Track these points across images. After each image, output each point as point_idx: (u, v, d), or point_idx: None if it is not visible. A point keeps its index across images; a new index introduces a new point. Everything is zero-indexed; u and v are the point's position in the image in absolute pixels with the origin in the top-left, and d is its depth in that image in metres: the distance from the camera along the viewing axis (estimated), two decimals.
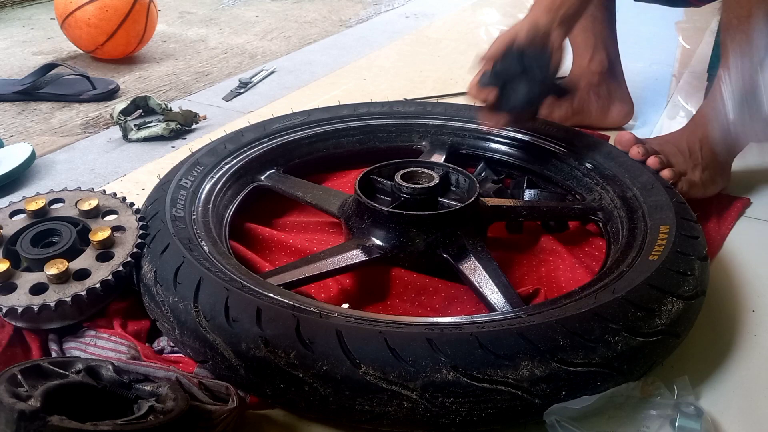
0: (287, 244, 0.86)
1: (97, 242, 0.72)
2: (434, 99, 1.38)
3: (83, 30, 1.60)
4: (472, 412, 0.57)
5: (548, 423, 0.58)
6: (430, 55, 1.74)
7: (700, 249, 0.74)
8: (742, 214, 0.99)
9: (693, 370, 0.69)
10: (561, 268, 0.83)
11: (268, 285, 0.68)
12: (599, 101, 1.22)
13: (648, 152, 0.92)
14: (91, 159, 1.17)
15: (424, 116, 1.08)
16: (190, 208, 0.80)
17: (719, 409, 0.65)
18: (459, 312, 0.76)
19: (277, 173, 0.96)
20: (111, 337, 0.70)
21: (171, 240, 0.71)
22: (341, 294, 0.79)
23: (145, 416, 0.53)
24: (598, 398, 0.59)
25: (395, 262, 0.80)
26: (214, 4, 2.32)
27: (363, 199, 0.81)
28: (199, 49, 1.82)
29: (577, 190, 0.95)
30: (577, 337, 0.59)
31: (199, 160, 0.89)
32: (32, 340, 0.70)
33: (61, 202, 0.80)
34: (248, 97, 1.46)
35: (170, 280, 0.66)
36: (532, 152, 1.01)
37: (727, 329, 0.77)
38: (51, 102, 1.43)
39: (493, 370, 0.57)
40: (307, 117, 1.05)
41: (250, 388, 0.61)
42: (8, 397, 0.49)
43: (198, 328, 0.62)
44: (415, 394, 0.56)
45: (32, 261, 0.72)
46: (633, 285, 0.65)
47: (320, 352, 0.58)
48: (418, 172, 0.86)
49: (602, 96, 1.22)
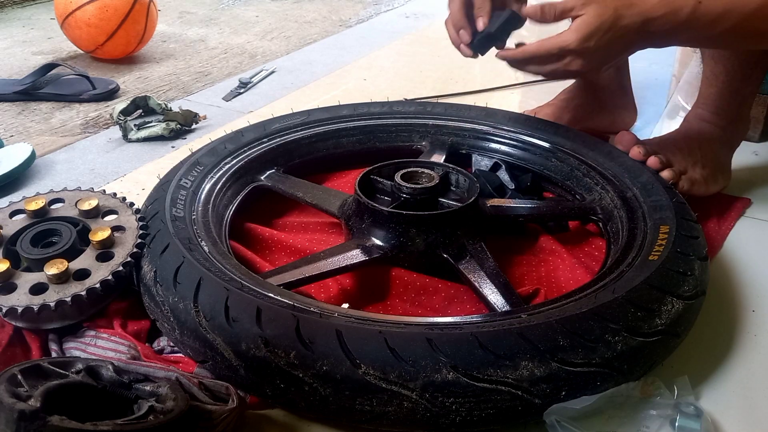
0: (287, 244, 0.86)
1: (97, 242, 0.72)
2: (434, 99, 1.38)
3: (83, 30, 1.60)
4: (472, 412, 0.57)
5: (548, 423, 0.58)
6: (430, 55, 1.74)
7: (700, 249, 0.74)
8: (742, 214, 0.99)
9: (693, 370, 0.69)
10: (561, 268, 0.83)
11: (268, 285, 0.68)
12: (605, 111, 1.23)
13: (648, 152, 0.92)
14: (91, 159, 1.17)
15: (424, 116, 1.08)
16: (190, 208, 0.80)
17: (719, 409, 0.65)
18: (459, 312, 0.76)
19: (277, 173, 0.96)
20: (111, 337, 0.70)
21: (171, 240, 0.71)
22: (341, 294, 0.79)
23: (145, 416, 0.53)
24: (598, 398, 0.59)
25: (395, 262, 0.80)
26: (214, 4, 2.32)
27: (363, 199, 0.81)
28: (199, 49, 1.82)
29: (577, 190, 0.95)
30: (577, 337, 0.59)
31: (199, 160, 0.89)
32: (32, 340, 0.70)
33: (61, 202, 0.80)
34: (248, 97, 1.46)
35: (170, 280, 0.66)
36: (532, 152, 1.01)
37: (727, 329, 0.77)
38: (51, 102, 1.43)
39: (493, 370, 0.57)
40: (307, 117, 1.05)
41: (250, 388, 0.61)
42: (8, 397, 0.49)
43: (198, 328, 0.62)
44: (415, 394, 0.56)
45: (32, 261, 0.72)
46: (633, 285, 0.65)
47: (320, 352, 0.58)
48: (418, 172, 0.86)
49: (609, 107, 1.23)
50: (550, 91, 1.48)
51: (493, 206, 0.87)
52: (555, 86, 1.50)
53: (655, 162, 0.91)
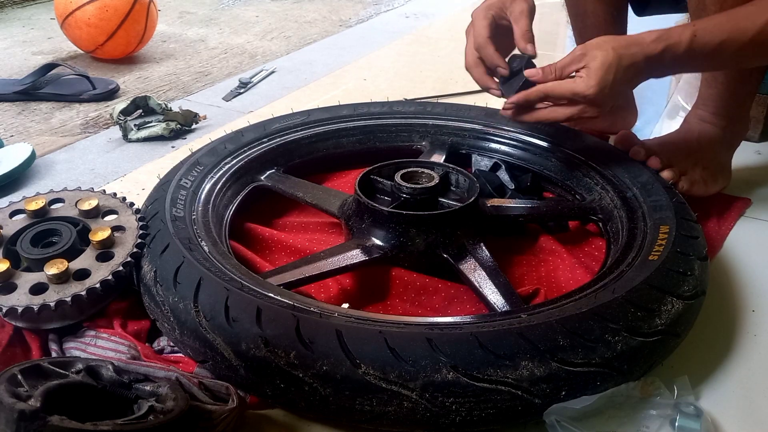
0: (287, 244, 0.86)
1: (97, 242, 0.72)
2: (434, 99, 1.38)
3: (83, 30, 1.60)
4: (472, 412, 0.57)
5: (548, 423, 0.58)
6: (430, 55, 1.74)
7: (700, 249, 0.74)
8: (742, 214, 0.99)
9: (693, 370, 0.69)
10: (561, 268, 0.83)
11: (268, 285, 0.68)
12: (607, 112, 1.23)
13: (648, 152, 0.92)
14: (91, 159, 1.17)
15: (424, 116, 1.08)
16: (190, 208, 0.80)
17: (719, 409, 0.65)
18: (459, 312, 0.76)
19: (277, 173, 0.96)
20: (111, 337, 0.70)
21: (171, 240, 0.71)
22: (341, 294, 0.79)
23: (145, 416, 0.53)
24: (598, 398, 0.59)
25: (395, 262, 0.80)
26: (214, 4, 2.32)
27: (363, 199, 0.81)
28: (199, 49, 1.82)
29: (577, 190, 0.95)
30: (577, 337, 0.59)
31: (199, 160, 0.89)
32: (32, 340, 0.70)
33: (61, 202, 0.80)
34: (248, 97, 1.46)
35: (170, 280, 0.66)
36: (532, 152, 1.01)
37: (727, 329, 0.77)
38: (51, 102, 1.43)
39: (492, 370, 0.57)
40: (307, 117, 1.05)
41: (250, 388, 0.61)
42: (8, 397, 0.49)
43: (198, 328, 0.62)
44: (415, 394, 0.56)
45: (32, 261, 0.72)
46: (633, 285, 0.65)
47: (320, 352, 0.58)
48: (418, 172, 0.86)
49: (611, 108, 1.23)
50: None
51: (493, 206, 0.87)
52: None
53: (656, 162, 0.91)
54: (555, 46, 1.83)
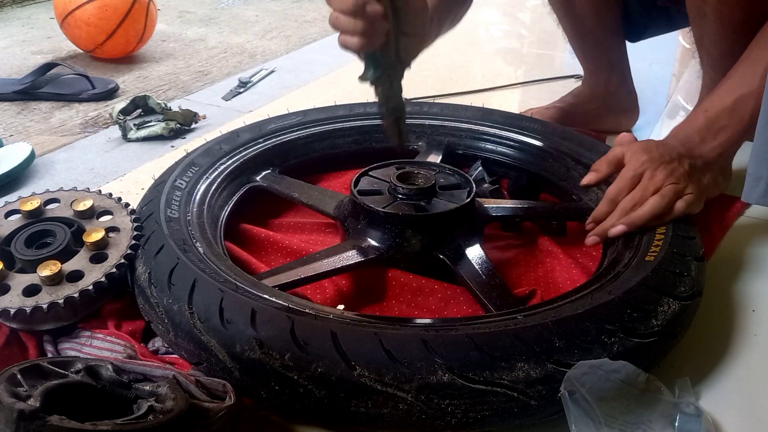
0: (283, 245, 0.86)
1: (91, 243, 0.72)
2: (432, 99, 1.37)
3: (83, 29, 1.60)
4: (468, 414, 0.57)
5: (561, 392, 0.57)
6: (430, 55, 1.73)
7: (696, 249, 0.74)
8: (741, 214, 0.99)
9: (693, 370, 0.69)
10: (557, 268, 0.83)
11: (263, 286, 0.67)
12: (611, 114, 1.25)
13: None
14: (91, 158, 1.17)
15: (421, 116, 1.07)
16: (185, 209, 0.80)
17: (719, 409, 0.65)
18: (455, 313, 0.76)
19: (273, 174, 0.96)
20: (107, 337, 0.69)
21: (165, 241, 0.71)
22: (337, 295, 0.78)
23: (145, 416, 0.53)
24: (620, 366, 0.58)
25: (391, 263, 0.79)
26: (213, 4, 2.32)
27: (359, 199, 0.81)
28: (198, 49, 1.82)
29: (574, 190, 0.94)
30: (573, 339, 0.59)
31: (194, 160, 0.89)
32: (29, 340, 0.69)
33: (56, 202, 0.80)
34: (248, 97, 1.46)
35: (165, 281, 0.66)
36: (529, 152, 1.01)
37: (727, 329, 0.76)
38: (50, 101, 1.43)
39: (488, 371, 0.56)
40: (303, 117, 1.04)
41: (244, 390, 0.61)
42: (8, 397, 0.49)
43: (192, 329, 0.62)
44: (410, 395, 0.56)
45: (26, 262, 0.72)
46: (629, 286, 0.65)
47: (315, 353, 0.57)
48: (415, 173, 0.86)
49: (613, 108, 1.25)
50: (550, 90, 1.48)
51: (490, 207, 0.87)
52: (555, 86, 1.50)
53: None
54: (555, 46, 1.82)
